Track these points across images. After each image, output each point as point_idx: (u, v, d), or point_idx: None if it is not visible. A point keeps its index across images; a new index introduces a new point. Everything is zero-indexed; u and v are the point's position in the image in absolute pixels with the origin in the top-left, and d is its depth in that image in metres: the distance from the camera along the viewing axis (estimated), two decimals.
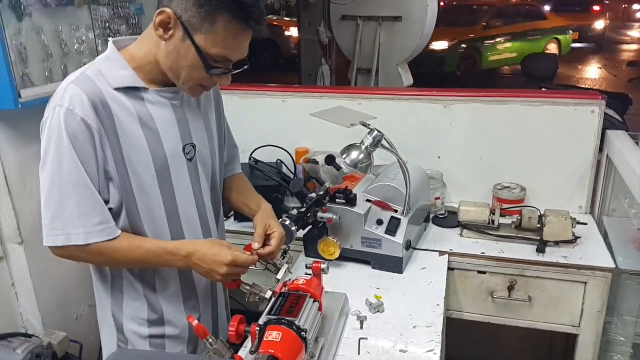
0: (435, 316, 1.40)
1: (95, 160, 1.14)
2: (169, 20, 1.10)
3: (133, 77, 1.18)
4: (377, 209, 1.65)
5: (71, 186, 1.12)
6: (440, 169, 2.08)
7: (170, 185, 1.24)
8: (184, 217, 1.29)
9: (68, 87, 1.13)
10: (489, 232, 1.85)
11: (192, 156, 1.28)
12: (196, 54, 1.11)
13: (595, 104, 1.93)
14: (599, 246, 1.79)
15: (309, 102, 2.18)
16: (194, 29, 1.10)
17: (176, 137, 1.24)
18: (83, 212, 1.14)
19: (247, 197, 1.48)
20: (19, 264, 1.81)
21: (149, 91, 1.20)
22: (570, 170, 2.01)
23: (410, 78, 4.70)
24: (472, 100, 2.05)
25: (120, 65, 1.18)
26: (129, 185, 1.19)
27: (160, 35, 1.12)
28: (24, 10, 1.68)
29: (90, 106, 1.11)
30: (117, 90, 1.16)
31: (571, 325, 1.74)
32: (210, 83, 1.20)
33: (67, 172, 1.12)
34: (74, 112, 1.10)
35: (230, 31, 1.10)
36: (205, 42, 1.11)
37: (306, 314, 1.11)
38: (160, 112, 1.21)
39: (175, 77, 1.18)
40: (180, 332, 1.35)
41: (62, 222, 1.13)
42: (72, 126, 1.10)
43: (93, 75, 1.16)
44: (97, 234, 1.15)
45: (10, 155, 1.72)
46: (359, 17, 4.51)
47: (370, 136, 1.54)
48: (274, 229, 1.35)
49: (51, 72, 1.79)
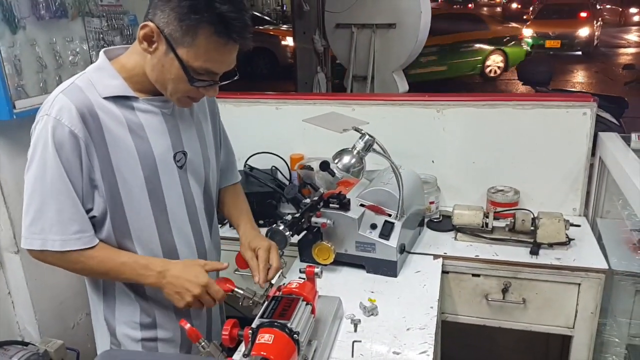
0: (428, 318, 1.40)
1: (80, 169, 1.15)
2: (152, 34, 1.11)
3: (123, 87, 1.19)
4: (370, 213, 1.66)
5: (52, 193, 1.14)
6: (434, 173, 2.09)
7: (160, 192, 1.25)
8: (175, 224, 1.29)
9: (57, 97, 1.14)
10: (483, 235, 1.86)
11: (183, 163, 1.29)
12: (180, 67, 1.12)
13: (586, 105, 1.95)
14: (593, 248, 1.80)
15: (302, 108, 2.20)
16: (176, 42, 1.10)
17: (166, 144, 1.25)
18: (62, 219, 1.15)
19: (236, 219, 1.51)
20: (15, 272, 1.82)
21: (139, 100, 1.21)
22: (563, 173, 2.02)
23: (406, 84, 4.73)
24: (464, 104, 2.06)
25: (110, 75, 1.19)
26: (116, 194, 1.20)
27: (145, 48, 1.13)
28: (17, 23, 1.70)
29: (77, 116, 1.13)
30: (106, 99, 1.17)
31: (565, 327, 1.75)
32: (196, 94, 1.20)
33: (50, 179, 1.13)
34: (61, 122, 1.12)
35: (212, 45, 1.10)
36: (188, 56, 1.11)
37: (298, 317, 1.12)
38: (150, 120, 1.22)
39: (162, 88, 1.19)
40: (172, 335, 1.35)
41: (40, 226, 1.15)
42: (59, 135, 1.12)
43: (83, 85, 1.17)
44: (73, 242, 1.16)
45: (5, 165, 1.74)
46: (353, 25, 4.54)
47: (361, 140, 1.56)
48: (258, 248, 1.37)
49: (45, 83, 1.81)
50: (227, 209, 1.54)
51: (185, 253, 1.33)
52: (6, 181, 1.74)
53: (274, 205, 2.02)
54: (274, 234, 1.46)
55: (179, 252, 1.32)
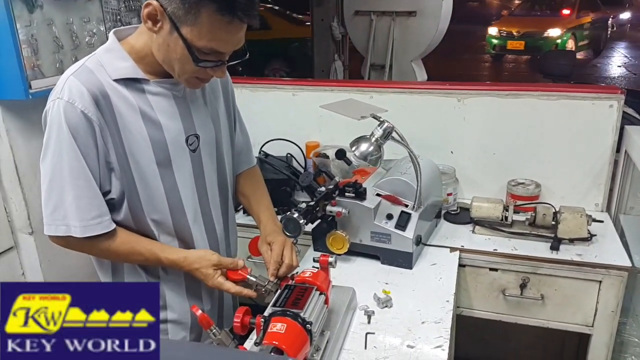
0: (444, 312, 1.37)
1: (96, 151, 1.14)
2: (156, 12, 1.08)
3: (133, 68, 1.17)
4: (387, 203, 1.63)
5: (70, 179, 1.13)
6: (452, 164, 2.05)
7: (172, 176, 1.24)
8: (188, 207, 1.28)
9: (68, 80, 1.12)
10: (502, 228, 1.81)
11: (196, 147, 1.28)
12: (184, 46, 1.08)
13: (613, 98, 1.88)
14: (615, 244, 1.75)
15: (319, 95, 2.16)
16: (179, 21, 1.06)
17: (178, 127, 1.23)
18: (81, 205, 1.14)
19: (256, 212, 1.48)
20: (29, 253, 1.83)
21: (149, 82, 1.19)
22: (586, 167, 1.96)
23: (424, 74, 4.65)
24: (486, 93, 2.01)
25: (120, 57, 1.17)
26: (130, 176, 1.19)
27: (150, 27, 1.10)
28: (35, 2, 1.68)
29: (90, 98, 1.11)
30: (116, 81, 1.15)
31: (584, 325, 1.70)
32: (204, 75, 1.17)
33: (67, 164, 1.12)
34: (73, 105, 1.10)
35: (215, 24, 1.05)
36: (192, 35, 1.07)
37: (312, 307, 1.10)
38: (161, 103, 1.20)
39: (169, 69, 1.16)
40: (181, 317, 1.35)
41: (62, 212, 1.14)
42: (72, 118, 1.10)
43: (93, 67, 1.15)
44: (93, 227, 1.16)
45: (20, 145, 1.73)
46: (373, 12, 4.47)
47: (380, 128, 1.52)
48: (273, 242, 1.36)
49: (62, 63, 1.79)
50: (246, 200, 1.51)
51: (199, 237, 1.32)
52: (21, 161, 1.74)
53: (288, 193, 2.00)
54: (287, 221, 1.43)
55: (194, 236, 1.31)
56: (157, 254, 1.23)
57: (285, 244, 1.34)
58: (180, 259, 1.24)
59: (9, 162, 1.72)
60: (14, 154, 1.72)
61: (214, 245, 1.38)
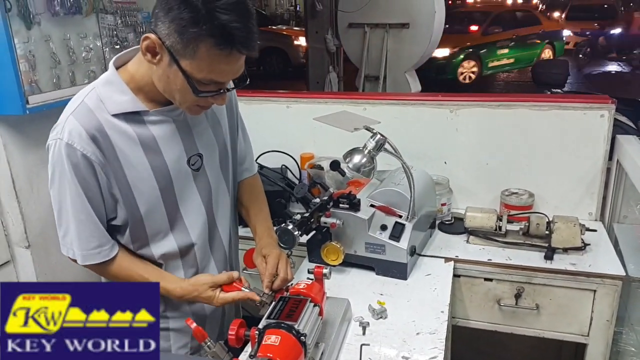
0: (439, 323, 1.38)
1: (98, 186, 1.18)
2: (154, 45, 1.08)
3: (132, 102, 1.18)
4: (381, 214, 1.64)
5: (73, 212, 1.19)
6: (446, 174, 2.06)
7: (173, 198, 1.27)
8: (192, 227, 1.31)
9: (67, 120, 1.15)
10: (496, 238, 1.82)
11: (199, 166, 1.30)
12: (184, 78, 1.08)
13: (604, 107, 1.90)
14: (609, 253, 1.76)
15: (313, 107, 2.18)
16: (178, 54, 1.06)
17: (179, 150, 1.25)
18: (82, 236, 1.21)
19: (253, 223, 1.49)
20: (26, 267, 1.83)
21: (149, 113, 1.20)
22: (579, 176, 1.98)
23: (418, 85, 4.70)
24: (478, 104, 2.03)
25: (119, 90, 1.18)
26: (135, 205, 1.22)
27: (149, 59, 1.11)
28: (32, 19, 1.71)
29: (88, 139, 1.14)
30: (116, 116, 1.16)
31: (580, 335, 1.71)
32: (205, 103, 1.18)
33: (70, 200, 1.18)
34: (73, 146, 1.13)
35: (214, 57, 1.05)
36: (191, 68, 1.07)
37: (306, 318, 1.10)
38: (162, 131, 1.22)
39: (170, 98, 1.17)
40: (184, 325, 1.35)
41: (69, 239, 1.22)
42: (73, 159, 1.14)
43: (92, 105, 1.16)
44: (92, 256, 1.23)
45: (17, 160, 1.74)
46: (366, 25, 4.52)
47: (372, 140, 1.53)
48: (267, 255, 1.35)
49: (59, 78, 1.81)
50: (244, 211, 1.51)
51: (203, 256, 1.35)
52: (18, 175, 1.75)
53: (283, 205, 2.00)
54: (282, 233, 1.44)
55: (197, 256, 1.34)
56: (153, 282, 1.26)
57: (280, 257, 1.34)
58: (176, 289, 1.27)
59: (6, 176, 1.73)
60: (11, 168, 1.72)
61: (221, 261, 1.40)
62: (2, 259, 1.78)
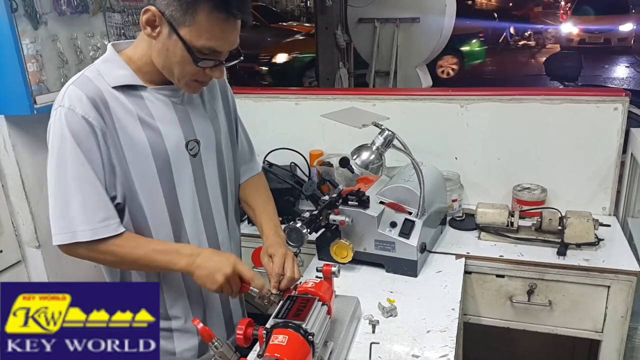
0: (449, 321, 1.36)
1: (100, 155, 1.16)
2: (154, 18, 1.12)
3: (131, 76, 1.20)
4: (390, 211, 1.62)
5: (75, 183, 1.14)
6: (457, 170, 2.04)
7: (171, 181, 1.25)
8: (186, 214, 1.29)
9: (68, 89, 1.16)
10: (508, 234, 1.80)
11: (196, 152, 1.29)
12: (183, 48, 1.12)
13: (618, 100, 1.86)
14: (623, 248, 1.73)
15: (322, 104, 2.16)
16: (177, 23, 1.11)
17: (178, 133, 1.25)
18: (88, 208, 1.15)
19: (259, 222, 1.46)
20: (37, 267, 1.84)
21: (147, 89, 1.21)
22: (592, 170, 1.95)
23: (429, 80, 4.66)
24: (489, 99, 2.00)
25: (118, 65, 1.20)
26: (131, 181, 1.20)
27: (149, 33, 1.15)
28: (39, 19, 1.71)
29: (89, 104, 1.14)
30: (115, 88, 1.18)
31: (594, 331, 1.68)
32: (203, 77, 1.20)
33: (71, 170, 1.14)
34: (74, 111, 1.13)
35: (212, 21, 1.10)
36: (190, 35, 1.11)
37: (314, 318, 1.09)
38: (160, 110, 1.23)
39: (169, 74, 1.19)
40: (188, 324, 1.35)
41: (68, 220, 1.14)
42: (74, 124, 1.13)
43: (92, 76, 1.18)
44: (101, 230, 1.16)
45: (26, 160, 1.75)
46: (376, 20, 4.50)
47: (381, 136, 1.52)
48: (274, 255, 1.32)
49: (66, 78, 1.81)
50: (250, 210, 1.50)
51: (197, 243, 1.32)
52: (27, 176, 1.76)
53: (292, 202, 1.99)
54: (291, 231, 1.43)
55: (191, 242, 1.31)
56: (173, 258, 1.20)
57: (287, 256, 1.32)
58: (201, 251, 1.22)
59: (16, 176, 1.74)
60: (20, 168, 1.73)
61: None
62: (13, 259, 1.79)
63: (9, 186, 1.75)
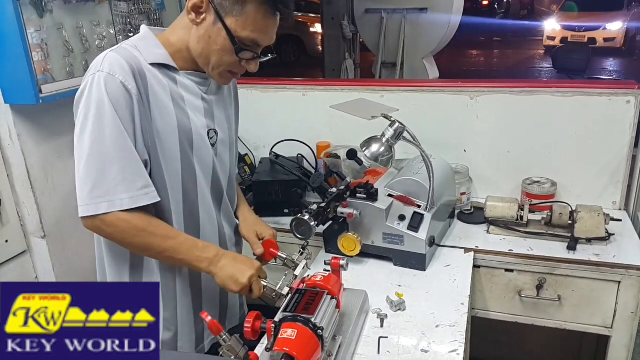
0: (459, 315, 1.34)
1: (133, 125, 1.14)
2: (201, 4, 1.14)
3: (167, 56, 1.21)
4: (399, 204, 1.60)
5: (114, 151, 1.11)
6: (466, 162, 2.02)
7: (192, 166, 1.26)
8: (202, 199, 1.30)
9: (107, 55, 1.14)
10: (517, 228, 1.78)
11: (215, 142, 1.32)
12: (227, 37, 1.15)
13: (630, 93, 1.83)
14: (634, 243, 1.71)
15: (330, 95, 2.14)
16: (225, 12, 1.14)
17: (202, 121, 1.27)
18: (127, 176, 1.12)
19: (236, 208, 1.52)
20: (42, 257, 1.83)
21: (179, 72, 1.23)
22: (603, 164, 1.92)
23: (436, 71, 4.61)
24: (499, 91, 1.97)
25: (155, 44, 1.22)
26: (155, 155, 1.19)
27: (192, 19, 1.17)
28: (45, 7, 1.69)
29: (129, 71, 1.13)
30: (152, 65, 1.18)
31: (603, 326, 1.66)
32: (239, 69, 1.23)
33: (110, 137, 1.10)
34: (114, 77, 1.11)
35: (260, 14, 1.14)
36: (236, 25, 1.14)
37: (323, 311, 1.08)
38: (189, 96, 1.25)
39: (205, 62, 1.21)
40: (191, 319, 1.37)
41: (104, 189, 1.11)
42: (113, 90, 1.10)
43: (130, 49, 1.18)
44: (142, 197, 1.14)
45: (32, 150, 1.74)
46: (383, 10, 4.44)
47: (391, 128, 1.50)
48: (263, 234, 1.43)
49: (72, 67, 1.80)
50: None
51: (208, 231, 1.34)
52: (33, 165, 1.74)
53: (299, 194, 1.98)
54: (299, 223, 1.42)
55: (201, 228, 1.32)
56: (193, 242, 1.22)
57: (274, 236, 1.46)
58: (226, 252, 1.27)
59: (21, 166, 1.72)
60: (25, 158, 1.72)
61: (222, 240, 1.40)
62: (19, 249, 1.78)
63: (14, 176, 1.74)
